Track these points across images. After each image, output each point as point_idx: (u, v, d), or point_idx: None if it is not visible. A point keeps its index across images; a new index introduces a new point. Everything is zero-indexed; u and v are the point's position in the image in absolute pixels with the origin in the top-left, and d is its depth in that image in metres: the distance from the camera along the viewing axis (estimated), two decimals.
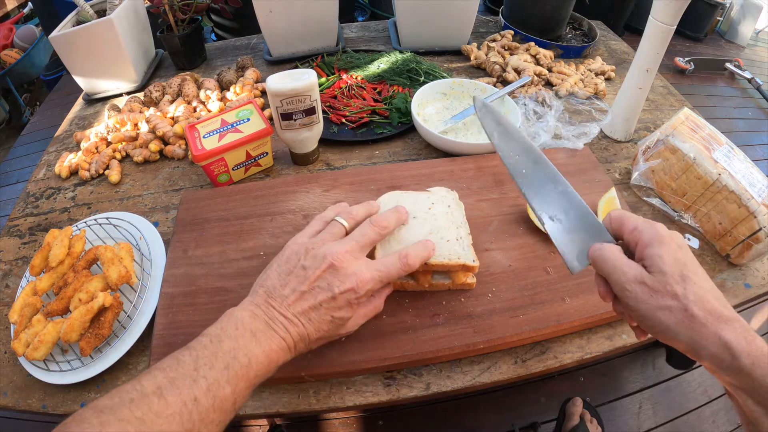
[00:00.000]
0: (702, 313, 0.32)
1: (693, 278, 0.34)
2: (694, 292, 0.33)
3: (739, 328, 0.32)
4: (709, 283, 0.35)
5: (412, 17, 0.95)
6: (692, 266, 0.35)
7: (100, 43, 0.85)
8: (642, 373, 1.21)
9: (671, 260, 0.34)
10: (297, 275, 0.39)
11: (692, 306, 0.32)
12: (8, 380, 0.50)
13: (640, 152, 0.66)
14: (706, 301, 0.33)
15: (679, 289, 0.33)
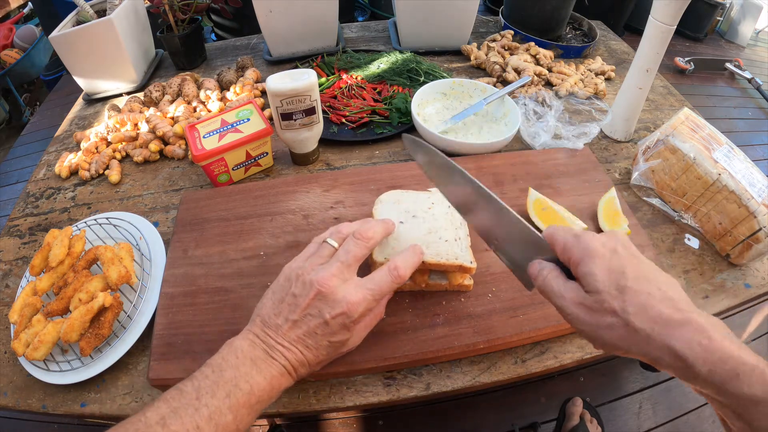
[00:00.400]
0: (646, 325, 0.30)
1: (633, 287, 0.32)
2: (634, 303, 0.31)
3: (691, 331, 0.30)
4: (656, 283, 0.32)
5: (412, 17, 0.95)
6: (632, 271, 0.32)
7: (100, 43, 0.84)
8: (642, 373, 1.21)
9: (604, 275, 0.32)
10: (288, 303, 0.39)
11: (633, 320, 0.31)
12: (8, 380, 0.50)
13: (640, 152, 0.66)
14: (650, 309, 0.31)
15: (617, 304, 0.31)
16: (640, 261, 0.34)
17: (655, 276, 0.33)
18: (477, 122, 0.78)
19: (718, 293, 0.56)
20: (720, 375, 0.29)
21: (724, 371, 0.28)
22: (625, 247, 0.35)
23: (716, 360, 0.29)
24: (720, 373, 0.29)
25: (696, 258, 0.59)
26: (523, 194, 0.61)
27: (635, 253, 0.35)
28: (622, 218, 0.56)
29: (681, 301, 0.32)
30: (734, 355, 0.29)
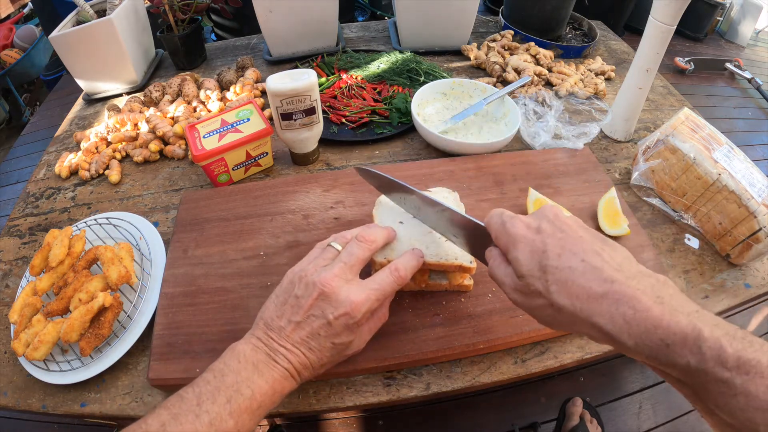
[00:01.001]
0: (567, 302, 0.30)
1: (554, 264, 0.31)
2: (555, 280, 0.31)
3: (612, 303, 0.28)
4: (580, 254, 0.31)
5: (412, 17, 0.95)
6: (554, 248, 0.32)
7: (100, 43, 0.84)
8: (642, 373, 1.21)
9: (527, 258, 0.33)
10: (291, 305, 0.39)
11: (556, 298, 0.30)
12: (8, 380, 0.50)
13: (640, 152, 0.66)
14: (571, 285, 0.30)
15: (540, 285, 0.32)
16: (567, 234, 0.33)
17: (581, 247, 0.32)
18: (477, 122, 0.78)
19: (718, 293, 0.56)
20: (648, 347, 0.27)
21: (652, 343, 0.27)
22: (552, 222, 0.34)
23: (642, 332, 0.27)
24: (648, 345, 0.27)
25: (696, 258, 0.59)
26: (523, 194, 0.61)
27: (563, 225, 0.34)
28: (622, 218, 0.56)
29: (607, 269, 0.30)
30: (663, 324, 0.27)
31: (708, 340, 0.26)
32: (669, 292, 0.29)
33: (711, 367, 0.25)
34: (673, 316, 0.27)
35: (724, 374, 0.25)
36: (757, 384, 0.24)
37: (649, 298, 0.28)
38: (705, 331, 0.26)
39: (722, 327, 0.27)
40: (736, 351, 0.25)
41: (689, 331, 0.26)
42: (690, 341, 0.26)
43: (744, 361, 0.25)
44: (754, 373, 0.24)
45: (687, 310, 0.28)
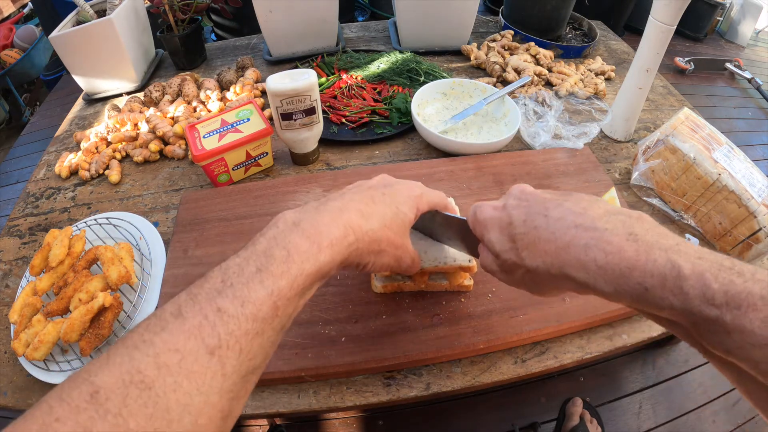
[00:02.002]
0: (540, 261, 0.29)
1: (521, 231, 0.31)
2: (525, 246, 0.30)
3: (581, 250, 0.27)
4: (543, 213, 0.30)
5: (412, 17, 0.95)
6: (518, 217, 0.32)
7: (100, 43, 0.84)
8: (642, 373, 1.21)
9: (497, 236, 0.33)
10: None
11: (529, 262, 0.30)
12: (8, 380, 0.50)
13: (640, 152, 0.66)
14: (539, 243, 0.29)
15: (514, 256, 0.31)
16: (530, 201, 0.32)
17: (544, 206, 0.31)
18: (477, 122, 0.78)
19: None
20: (627, 292, 0.25)
21: (630, 287, 0.25)
22: (516, 197, 0.34)
23: (617, 276, 0.25)
24: (627, 290, 0.25)
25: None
26: None
27: (527, 196, 0.33)
28: None
29: (570, 216, 0.29)
30: (638, 266, 0.25)
31: (689, 278, 0.23)
32: (644, 227, 0.27)
33: (697, 306, 0.23)
34: (649, 254, 0.25)
35: (713, 312, 0.23)
36: (751, 318, 0.22)
37: (621, 237, 0.26)
38: (685, 268, 0.24)
39: (707, 260, 0.24)
40: (722, 285, 0.23)
41: (668, 271, 0.24)
42: (670, 281, 0.24)
43: (733, 295, 0.22)
44: (746, 307, 0.22)
45: (665, 244, 0.25)
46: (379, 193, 0.36)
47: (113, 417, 0.20)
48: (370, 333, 0.47)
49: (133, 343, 0.23)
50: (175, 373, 0.22)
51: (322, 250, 0.29)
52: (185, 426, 0.21)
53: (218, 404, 0.23)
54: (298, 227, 0.30)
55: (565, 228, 0.28)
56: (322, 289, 0.51)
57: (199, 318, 0.24)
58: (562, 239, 0.28)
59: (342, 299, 0.50)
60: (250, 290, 0.26)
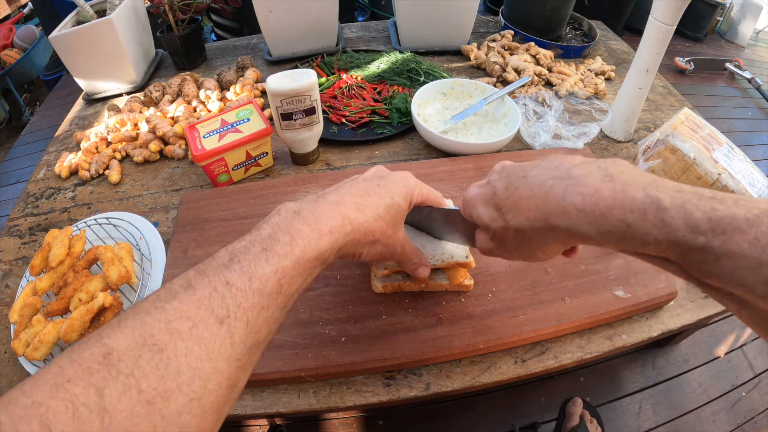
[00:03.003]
0: (524, 220, 0.30)
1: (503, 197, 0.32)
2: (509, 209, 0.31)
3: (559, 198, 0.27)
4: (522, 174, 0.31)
5: (412, 17, 0.95)
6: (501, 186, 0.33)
7: (100, 43, 0.84)
8: (642, 373, 1.21)
9: (484, 210, 0.34)
10: None
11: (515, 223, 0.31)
12: (8, 380, 0.50)
13: (640, 152, 0.66)
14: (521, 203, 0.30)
15: (501, 223, 0.32)
16: (510, 171, 0.34)
17: (524, 170, 0.32)
18: (477, 122, 0.78)
19: None
20: (610, 232, 0.25)
21: (612, 226, 0.25)
22: (498, 172, 0.35)
23: (598, 217, 0.25)
24: (609, 230, 0.25)
25: None
26: None
27: (507, 167, 0.35)
28: None
29: (547, 171, 0.29)
30: (617, 204, 0.25)
31: (670, 209, 0.23)
32: (619, 169, 0.27)
33: (682, 237, 0.23)
34: (626, 192, 0.25)
35: (699, 240, 0.22)
36: (739, 241, 0.21)
37: (596, 179, 0.26)
38: (665, 200, 0.24)
39: (686, 191, 0.24)
40: (705, 213, 0.22)
41: (647, 205, 0.24)
42: (650, 215, 0.24)
43: (717, 221, 0.22)
44: (732, 230, 0.21)
45: (642, 182, 0.25)
46: (373, 185, 0.38)
47: (125, 377, 0.20)
48: (370, 333, 0.47)
49: (144, 309, 0.24)
50: (186, 338, 0.23)
51: (322, 236, 0.31)
52: (195, 389, 0.22)
53: (226, 371, 0.24)
54: (300, 215, 0.32)
55: (543, 181, 0.29)
56: (322, 289, 0.51)
57: (208, 289, 0.25)
58: (540, 192, 0.29)
59: (342, 299, 0.50)
60: (256, 266, 0.27)
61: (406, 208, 0.39)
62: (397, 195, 0.38)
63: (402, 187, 0.39)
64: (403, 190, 0.39)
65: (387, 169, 0.42)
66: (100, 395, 0.20)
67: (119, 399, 0.20)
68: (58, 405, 0.19)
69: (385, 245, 0.38)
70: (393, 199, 0.37)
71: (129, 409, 0.20)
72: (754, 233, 0.21)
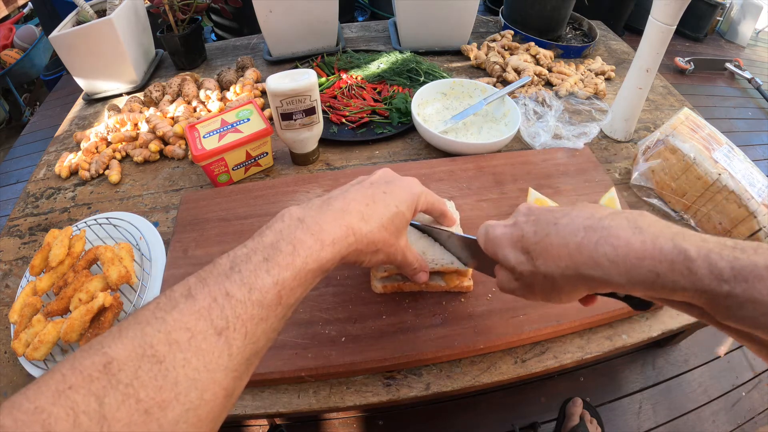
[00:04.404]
0: (554, 266, 0.31)
1: (532, 241, 0.32)
2: (538, 254, 0.32)
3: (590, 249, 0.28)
4: (552, 222, 0.32)
5: (412, 17, 0.95)
6: (530, 230, 0.33)
7: (100, 43, 0.84)
8: (642, 373, 1.21)
9: (511, 252, 0.34)
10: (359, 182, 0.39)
11: (545, 269, 0.31)
12: (8, 380, 0.50)
13: (640, 152, 0.66)
14: (551, 250, 0.31)
15: (529, 266, 0.33)
16: (539, 215, 0.34)
17: (552, 216, 0.33)
18: (477, 122, 0.78)
19: None
20: (640, 281, 0.27)
21: (642, 276, 0.26)
22: (525, 214, 0.36)
23: (629, 268, 0.27)
24: (639, 279, 0.27)
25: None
26: (523, 194, 0.61)
27: (535, 211, 0.35)
28: None
29: (578, 220, 0.30)
30: (647, 255, 0.26)
31: (696, 259, 0.25)
32: (647, 221, 0.28)
33: (708, 285, 0.24)
34: (655, 243, 0.26)
35: (723, 288, 0.24)
36: (760, 288, 0.23)
37: (627, 231, 0.28)
38: (691, 250, 0.25)
39: (710, 241, 0.26)
40: (728, 262, 0.24)
41: (675, 255, 0.25)
42: (678, 265, 0.25)
43: (739, 269, 0.24)
44: (754, 278, 0.23)
45: (669, 233, 0.27)
46: (380, 191, 0.37)
47: (124, 387, 0.21)
48: (370, 333, 0.47)
49: (145, 319, 0.24)
50: (185, 349, 0.23)
51: (324, 248, 0.31)
52: (191, 399, 0.23)
53: (223, 382, 0.25)
54: (303, 223, 0.32)
55: (575, 231, 0.30)
56: (322, 289, 0.51)
57: (208, 300, 0.26)
58: (573, 241, 0.29)
59: (342, 299, 0.50)
60: (257, 277, 0.27)
61: (411, 216, 0.39)
62: (402, 203, 0.38)
63: (408, 195, 0.39)
64: (408, 198, 0.39)
65: (393, 173, 0.42)
66: (100, 403, 0.20)
67: (118, 408, 0.20)
68: (60, 411, 0.19)
69: (387, 254, 0.38)
70: (398, 208, 0.37)
71: (127, 418, 0.20)
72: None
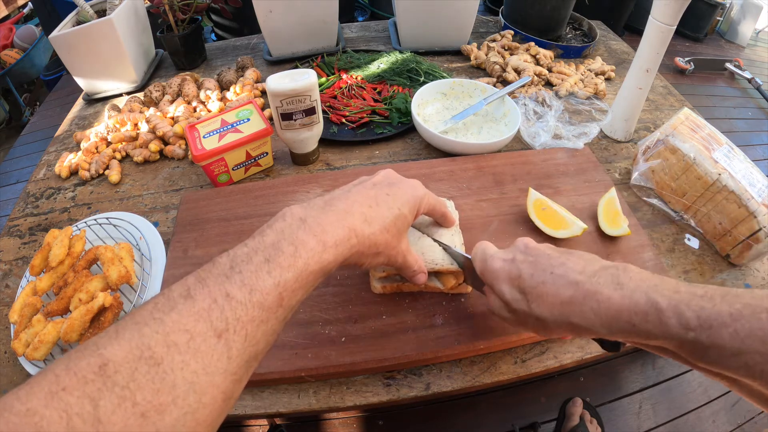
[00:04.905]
0: (547, 312, 0.33)
1: (529, 284, 0.35)
2: (534, 298, 0.34)
3: (579, 302, 0.31)
4: (548, 269, 0.34)
5: (412, 17, 0.95)
6: (527, 270, 0.35)
7: (100, 43, 0.84)
8: (642, 373, 1.21)
9: (507, 287, 0.36)
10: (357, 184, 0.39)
11: (538, 312, 0.34)
12: (8, 380, 0.50)
13: (640, 152, 0.66)
14: (546, 297, 0.33)
15: (524, 305, 0.35)
16: (537, 256, 0.36)
17: (549, 262, 0.35)
18: (477, 122, 0.78)
19: None
20: (620, 331, 0.30)
21: (621, 327, 0.30)
22: (523, 252, 0.38)
23: (610, 320, 0.30)
24: (619, 329, 0.30)
25: (696, 258, 0.59)
26: (523, 194, 0.61)
27: (533, 251, 0.37)
28: (622, 218, 0.56)
29: (571, 274, 0.33)
30: (624, 309, 0.29)
31: (666, 310, 0.28)
32: (629, 276, 0.31)
33: (676, 333, 0.27)
34: (632, 298, 0.29)
35: (690, 335, 0.27)
36: (722, 334, 0.26)
37: (610, 288, 0.31)
38: (662, 302, 0.28)
39: (682, 292, 0.28)
40: (695, 312, 0.27)
41: (648, 308, 0.28)
42: (651, 316, 0.28)
43: (705, 318, 0.26)
44: (718, 325, 0.26)
45: (645, 287, 0.29)
46: (383, 193, 0.38)
47: (120, 389, 0.21)
48: (370, 333, 0.47)
49: (142, 319, 0.24)
50: (184, 352, 0.23)
51: (326, 249, 0.31)
52: (189, 402, 0.22)
53: (222, 385, 0.24)
54: (305, 224, 0.32)
55: (567, 284, 0.33)
56: (322, 289, 0.51)
57: (208, 301, 0.25)
58: (565, 294, 0.32)
59: (342, 299, 0.50)
60: (258, 279, 0.27)
61: (412, 219, 0.40)
62: (404, 206, 0.38)
63: (411, 198, 0.39)
64: (411, 201, 0.39)
65: (396, 174, 0.42)
66: (94, 406, 0.20)
67: (114, 411, 0.20)
68: (53, 414, 0.19)
69: (388, 256, 0.38)
70: (401, 210, 0.38)
71: (123, 422, 0.20)
72: (734, 326, 0.25)
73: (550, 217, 0.56)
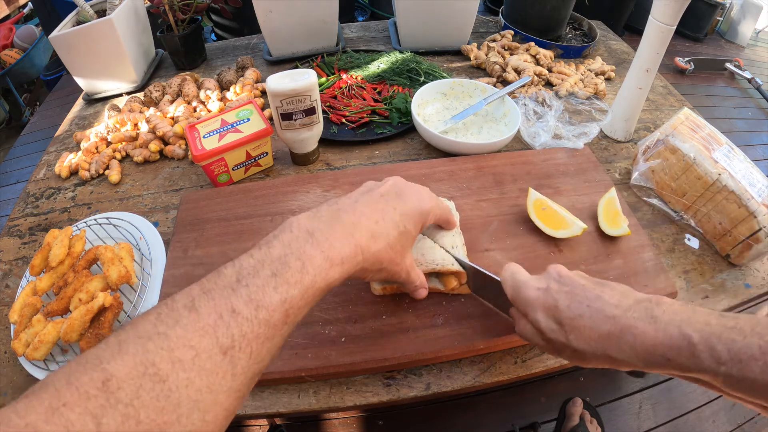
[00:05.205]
0: (585, 345, 0.34)
1: (566, 316, 0.35)
2: (571, 330, 0.35)
3: (617, 337, 0.32)
4: (585, 302, 0.35)
5: (412, 17, 0.95)
6: (563, 302, 0.36)
7: (100, 43, 0.84)
8: (642, 373, 1.21)
9: (543, 317, 0.37)
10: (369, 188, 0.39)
11: (576, 345, 0.34)
12: (8, 380, 0.50)
13: (640, 152, 0.66)
14: (584, 330, 0.34)
15: (561, 336, 0.35)
16: (573, 287, 0.37)
17: (585, 295, 0.36)
18: (477, 122, 0.78)
19: (718, 293, 0.56)
20: (654, 363, 0.31)
21: (656, 360, 0.31)
22: (557, 281, 0.38)
23: (646, 354, 0.31)
24: (653, 362, 0.31)
25: (696, 258, 0.59)
26: (523, 194, 0.61)
27: (566, 281, 0.38)
28: (622, 218, 0.56)
29: (608, 308, 0.34)
30: (658, 343, 0.30)
31: (698, 344, 0.29)
32: (662, 309, 0.32)
33: (708, 366, 0.28)
34: (666, 332, 0.30)
35: (721, 369, 0.28)
36: (753, 367, 0.27)
37: (644, 322, 0.32)
38: (694, 336, 0.29)
39: (713, 326, 0.29)
40: (726, 345, 0.28)
41: (681, 342, 0.29)
42: (684, 350, 0.29)
43: (735, 351, 0.27)
44: (747, 358, 0.27)
45: (678, 320, 0.30)
46: (390, 207, 0.38)
47: (124, 407, 0.20)
48: (370, 333, 0.47)
49: (146, 333, 0.23)
50: (189, 369, 0.23)
51: (333, 267, 0.31)
52: (193, 421, 0.22)
53: (225, 402, 0.24)
54: (313, 237, 0.31)
55: (604, 319, 0.33)
56: None
57: (213, 316, 0.25)
58: (603, 329, 0.33)
59: (342, 299, 0.50)
60: (264, 294, 0.27)
61: (417, 234, 0.40)
62: (409, 222, 0.39)
63: (417, 215, 0.40)
64: (417, 217, 0.40)
65: (405, 183, 0.41)
66: (97, 424, 0.19)
67: (117, 429, 0.19)
68: (53, 430, 0.18)
69: (391, 272, 0.39)
70: (406, 227, 0.38)
71: None
72: (764, 359, 0.26)
73: (550, 217, 0.56)
